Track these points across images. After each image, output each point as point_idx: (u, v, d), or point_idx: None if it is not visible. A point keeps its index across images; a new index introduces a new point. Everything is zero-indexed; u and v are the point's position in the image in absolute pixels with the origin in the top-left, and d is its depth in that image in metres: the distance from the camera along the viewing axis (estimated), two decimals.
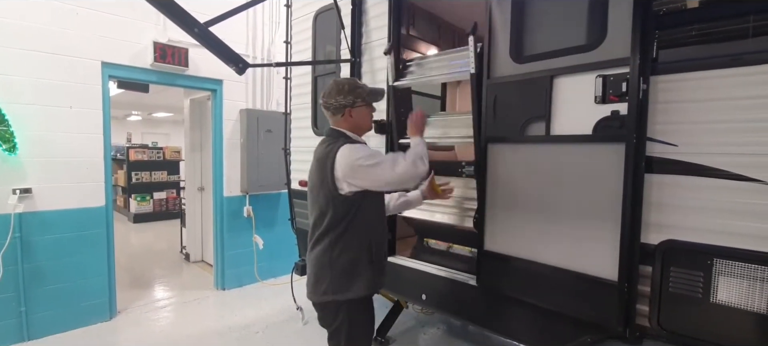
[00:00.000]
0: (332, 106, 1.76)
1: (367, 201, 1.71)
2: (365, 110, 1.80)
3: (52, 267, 3.40)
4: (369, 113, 1.83)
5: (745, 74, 1.42)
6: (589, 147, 1.69)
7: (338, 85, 1.78)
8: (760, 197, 1.38)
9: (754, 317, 1.40)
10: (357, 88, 1.77)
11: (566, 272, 1.76)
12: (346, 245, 1.68)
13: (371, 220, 1.75)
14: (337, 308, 1.71)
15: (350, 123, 1.77)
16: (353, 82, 1.81)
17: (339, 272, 1.68)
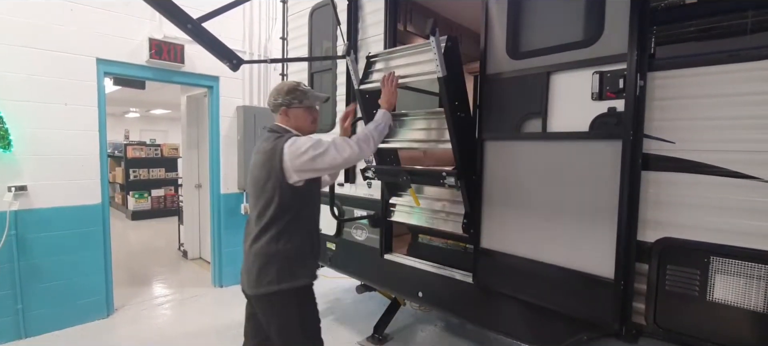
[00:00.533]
0: (272, 104, 1.86)
1: (311, 191, 1.80)
2: (302, 112, 1.85)
3: (49, 265, 3.39)
4: (308, 116, 1.87)
5: (743, 70, 1.40)
6: (586, 144, 1.68)
7: (279, 86, 1.89)
8: (757, 194, 1.37)
9: (751, 315, 1.39)
10: (295, 90, 1.84)
11: (563, 270, 1.75)
12: (291, 234, 1.73)
13: (313, 210, 1.85)
14: (287, 298, 1.72)
15: (289, 122, 1.85)
16: (294, 85, 1.87)
17: (286, 261, 1.71)
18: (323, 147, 1.71)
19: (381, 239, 2.70)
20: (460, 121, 2.01)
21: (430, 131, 2.26)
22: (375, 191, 2.73)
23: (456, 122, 1.98)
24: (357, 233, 2.90)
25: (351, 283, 4.64)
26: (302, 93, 1.85)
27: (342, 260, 3.05)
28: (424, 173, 2.34)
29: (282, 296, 1.71)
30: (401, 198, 2.54)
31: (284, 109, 1.83)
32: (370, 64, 2.41)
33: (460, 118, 2.01)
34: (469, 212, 2.10)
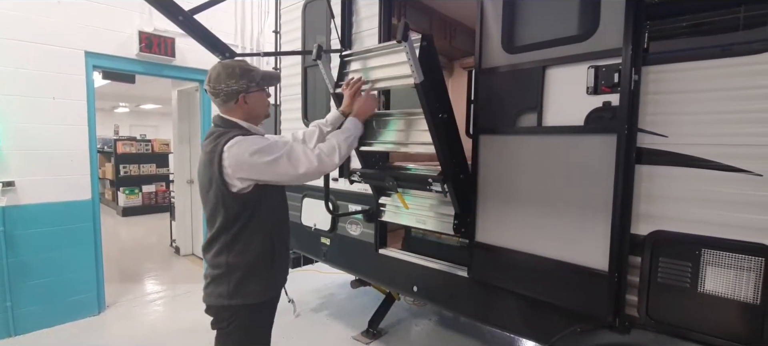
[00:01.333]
0: (223, 92, 1.53)
1: (266, 197, 1.56)
2: (261, 96, 1.63)
3: (39, 261, 3.33)
4: (265, 99, 1.66)
5: (733, 65, 1.42)
6: (581, 138, 1.69)
7: (227, 68, 1.55)
8: (747, 188, 1.39)
9: (741, 306, 1.42)
10: (250, 71, 1.57)
11: (557, 263, 1.76)
12: (242, 247, 1.53)
13: (271, 217, 1.60)
14: (232, 314, 1.56)
15: (245, 111, 1.58)
16: (244, 65, 1.59)
17: (234, 276, 1.53)
18: (275, 154, 1.48)
19: (375, 234, 2.70)
20: (443, 123, 1.91)
21: (414, 132, 2.12)
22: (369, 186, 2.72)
23: (438, 124, 1.87)
24: (351, 229, 2.90)
25: (345, 278, 4.64)
26: (257, 73, 1.60)
27: (337, 256, 3.05)
28: (410, 178, 2.24)
29: (231, 311, 1.55)
30: (391, 198, 2.50)
31: (243, 96, 1.55)
32: (345, 65, 2.20)
33: (443, 120, 1.91)
34: (458, 212, 2.08)
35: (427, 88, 1.80)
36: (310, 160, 1.54)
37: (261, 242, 1.57)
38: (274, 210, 1.62)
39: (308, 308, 3.92)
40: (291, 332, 3.43)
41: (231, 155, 1.45)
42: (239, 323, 1.57)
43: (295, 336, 3.37)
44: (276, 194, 1.64)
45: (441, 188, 1.96)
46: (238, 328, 1.57)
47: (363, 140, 2.30)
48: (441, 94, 1.92)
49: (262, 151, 1.46)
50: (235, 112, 1.58)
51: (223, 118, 1.59)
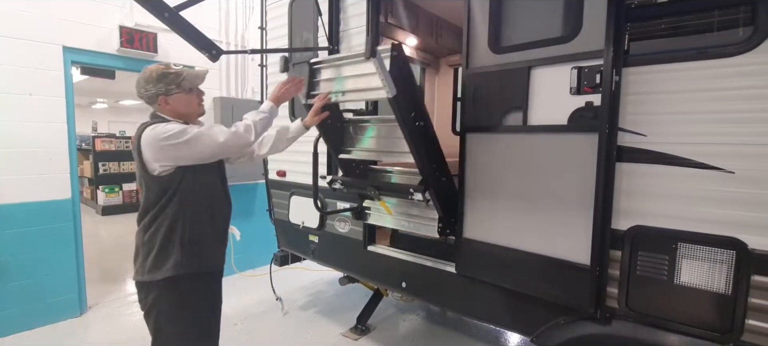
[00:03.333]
0: (145, 96, 1.68)
1: (188, 180, 1.64)
2: (184, 97, 1.70)
3: (17, 263, 3.24)
4: (191, 99, 1.73)
5: (709, 67, 1.48)
6: (565, 137, 1.74)
7: (146, 73, 1.67)
8: (720, 184, 1.46)
9: (714, 297, 1.49)
10: (168, 75, 1.66)
11: (541, 258, 1.82)
12: (158, 225, 1.63)
13: (192, 199, 1.67)
14: (147, 290, 1.67)
15: (170, 111, 1.69)
16: (162, 69, 1.67)
17: (151, 252, 1.63)
18: (188, 135, 1.57)
19: (364, 231, 2.72)
20: (420, 131, 1.92)
21: (393, 140, 2.12)
22: None
23: (415, 134, 1.88)
24: (340, 226, 2.91)
25: (333, 276, 4.66)
26: (176, 75, 1.67)
27: (325, 253, 3.06)
28: (392, 188, 2.25)
29: (144, 287, 1.67)
30: (374, 201, 2.50)
31: (162, 98, 1.67)
32: (315, 73, 2.13)
33: (420, 128, 1.92)
34: (442, 216, 2.10)
35: (401, 100, 1.78)
36: (227, 133, 1.67)
37: (172, 224, 1.64)
38: (195, 194, 1.67)
39: (296, 305, 3.92)
40: (279, 330, 3.43)
41: (146, 141, 1.58)
42: (153, 301, 1.67)
43: (283, 334, 3.37)
44: (200, 179, 1.68)
45: (422, 197, 1.98)
46: (152, 305, 1.68)
47: (342, 148, 2.32)
48: (416, 103, 1.92)
49: (175, 135, 1.57)
50: (162, 111, 1.71)
51: (155, 114, 1.72)
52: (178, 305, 1.68)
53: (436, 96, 5.14)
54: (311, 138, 2.95)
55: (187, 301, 1.70)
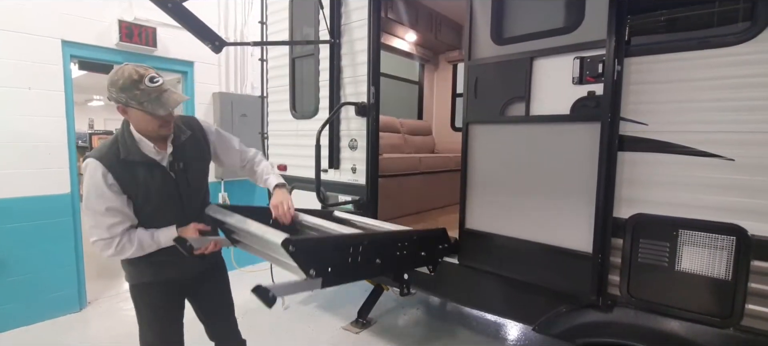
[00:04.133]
0: (109, 97, 1.48)
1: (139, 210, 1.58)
2: (142, 116, 1.45)
3: (16, 258, 3.22)
4: (148, 120, 1.47)
5: (710, 56, 1.50)
6: (567, 127, 1.76)
7: (115, 74, 1.44)
8: (720, 171, 1.49)
9: (715, 283, 1.52)
10: (135, 88, 1.40)
11: (543, 247, 1.84)
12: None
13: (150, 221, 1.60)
14: (131, 293, 1.76)
15: (132, 121, 1.50)
16: (133, 78, 1.41)
17: (126, 262, 1.68)
18: (84, 207, 1.51)
19: None
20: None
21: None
22: (360, 176, 2.75)
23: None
24: None
25: None
26: (144, 94, 1.41)
27: None
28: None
29: (130, 290, 1.76)
30: None
31: (121, 107, 1.46)
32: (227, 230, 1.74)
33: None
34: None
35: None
36: (95, 234, 1.51)
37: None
38: (146, 220, 1.60)
39: (296, 300, 3.93)
40: (281, 325, 3.43)
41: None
42: (134, 301, 1.76)
43: (285, 328, 3.38)
44: (147, 216, 1.60)
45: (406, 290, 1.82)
46: (134, 305, 1.76)
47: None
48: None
49: (84, 200, 1.51)
50: (125, 120, 1.53)
51: (125, 126, 1.54)
52: (144, 309, 1.75)
53: (434, 92, 5.17)
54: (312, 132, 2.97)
55: (152, 306, 1.75)
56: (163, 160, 1.58)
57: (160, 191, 1.58)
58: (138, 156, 1.52)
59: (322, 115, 2.96)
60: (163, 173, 1.59)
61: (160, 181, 1.57)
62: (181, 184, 1.63)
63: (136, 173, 1.52)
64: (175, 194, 1.62)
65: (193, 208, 1.69)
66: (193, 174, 1.69)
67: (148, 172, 1.55)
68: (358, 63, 2.72)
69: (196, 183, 1.71)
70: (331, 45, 2.82)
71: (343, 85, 2.83)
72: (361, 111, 2.66)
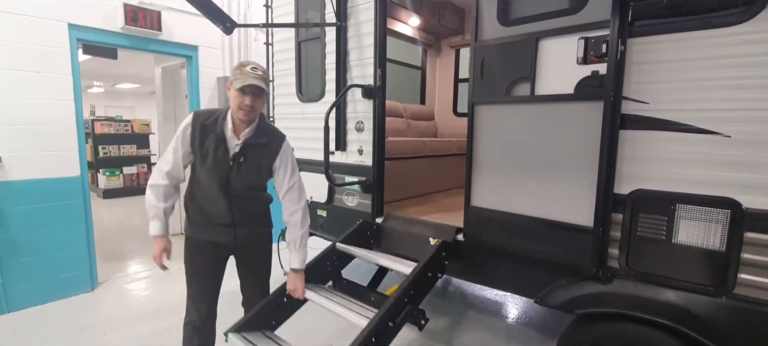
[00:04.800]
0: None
1: (194, 172, 1.92)
2: (233, 93, 1.77)
3: (29, 239, 3.30)
4: (237, 99, 1.76)
5: (710, 36, 1.55)
6: (570, 106, 1.81)
7: (240, 62, 1.90)
8: (717, 148, 1.55)
9: (710, 254, 1.59)
10: (238, 70, 1.77)
11: (547, 222, 1.91)
12: (185, 200, 1.96)
13: (191, 188, 1.93)
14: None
15: (229, 98, 1.83)
16: (240, 64, 1.79)
17: (185, 211, 1.96)
18: (166, 152, 1.88)
19: (372, 204, 2.80)
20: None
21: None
22: (366, 158, 2.81)
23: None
24: (348, 200, 2.99)
25: None
26: (238, 74, 1.75)
27: (333, 226, 3.13)
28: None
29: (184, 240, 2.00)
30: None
31: (228, 84, 1.81)
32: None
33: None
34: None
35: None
36: (154, 176, 1.90)
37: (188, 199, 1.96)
38: (196, 185, 1.92)
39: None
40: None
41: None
42: (184, 250, 1.99)
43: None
44: (198, 175, 1.91)
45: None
46: (184, 250, 2.00)
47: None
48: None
49: (166, 150, 1.88)
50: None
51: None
52: (188, 259, 1.99)
53: (437, 77, 5.19)
54: (319, 115, 3.01)
55: (192, 259, 1.98)
56: (232, 143, 1.85)
57: (216, 162, 1.83)
58: (217, 128, 1.82)
59: (328, 98, 3.00)
60: (225, 152, 1.84)
61: (220, 155, 1.83)
62: (233, 169, 1.86)
63: (206, 138, 1.83)
64: (224, 172, 1.85)
65: (235, 192, 1.89)
66: (246, 169, 1.88)
67: (216, 143, 1.82)
68: (365, 46, 2.76)
69: (244, 177, 1.89)
70: (337, 28, 2.85)
71: (350, 67, 2.87)
72: (368, 93, 2.71)
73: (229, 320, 2.13)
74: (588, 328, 1.94)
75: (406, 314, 2.10)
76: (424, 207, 3.22)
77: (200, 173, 1.88)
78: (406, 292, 2.06)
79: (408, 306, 2.10)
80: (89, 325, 3.11)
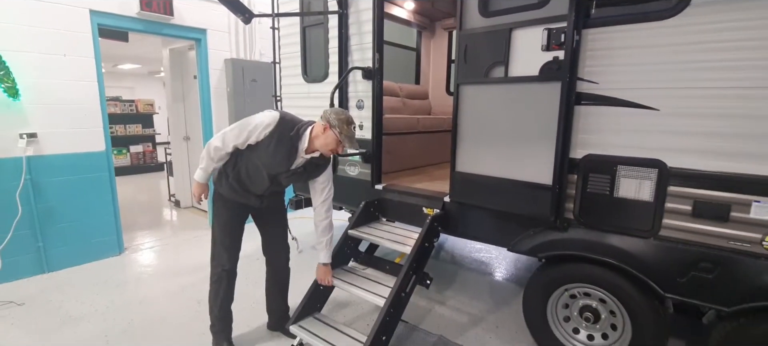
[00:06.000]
0: (323, 116, 2.17)
1: (241, 152, 2.21)
2: (334, 139, 2.13)
3: (63, 207, 3.68)
4: (333, 143, 2.15)
5: (647, 28, 1.91)
6: (536, 86, 2.18)
7: (343, 113, 2.17)
8: (648, 119, 1.93)
9: (642, 205, 2.00)
10: (345, 125, 2.13)
11: (516, 182, 2.30)
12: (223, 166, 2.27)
13: (236, 163, 2.24)
14: (213, 196, 2.37)
15: (317, 134, 2.16)
16: (347, 121, 2.15)
17: (219, 173, 2.29)
18: (238, 123, 2.15)
19: (372, 173, 3.19)
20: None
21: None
22: (366, 132, 3.18)
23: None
24: (350, 170, 3.37)
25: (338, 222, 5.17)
26: (347, 132, 2.14)
27: (337, 194, 3.51)
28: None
29: (214, 195, 2.36)
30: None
31: (327, 126, 2.13)
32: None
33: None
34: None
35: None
36: (207, 148, 2.19)
37: (225, 168, 2.28)
38: (248, 162, 2.22)
39: (308, 245, 4.45)
40: (296, 266, 3.91)
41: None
42: (215, 204, 2.36)
43: (300, 268, 3.85)
44: (246, 157, 2.21)
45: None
46: (214, 207, 2.37)
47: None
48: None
49: (245, 119, 2.16)
50: (314, 129, 2.19)
51: (309, 124, 2.23)
52: (223, 213, 2.35)
53: (431, 59, 5.51)
54: (323, 95, 3.37)
55: (225, 215, 2.35)
56: (297, 157, 2.20)
57: (278, 161, 2.17)
58: (295, 142, 2.15)
59: (331, 79, 3.35)
60: (290, 159, 2.18)
61: (283, 158, 2.16)
62: (288, 172, 2.23)
63: (281, 145, 2.13)
64: (280, 170, 2.21)
65: (276, 183, 2.30)
66: (297, 176, 2.29)
67: (288, 151, 2.15)
68: (364, 32, 3.09)
69: (293, 179, 2.31)
70: (339, 15, 3.17)
71: (351, 51, 3.21)
72: (368, 75, 3.06)
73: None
74: (550, 269, 2.37)
75: (413, 283, 2.53)
76: (418, 177, 3.61)
77: (256, 157, 2.17)
78: (410, 266, 2.46)
79: (414, 276, 2.53)
80: (123, 281, 3.53)
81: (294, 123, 2.18)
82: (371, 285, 2.63)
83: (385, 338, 2.31)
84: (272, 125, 2.11)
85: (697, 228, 1.89)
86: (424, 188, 3.07)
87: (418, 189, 3.06)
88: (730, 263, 1.83)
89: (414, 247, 2.55)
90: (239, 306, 2.67)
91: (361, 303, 3.19)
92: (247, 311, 2.98)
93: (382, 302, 2.35)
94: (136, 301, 3.18)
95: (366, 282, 2.68)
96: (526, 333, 2.61)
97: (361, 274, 2.82)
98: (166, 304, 3.14)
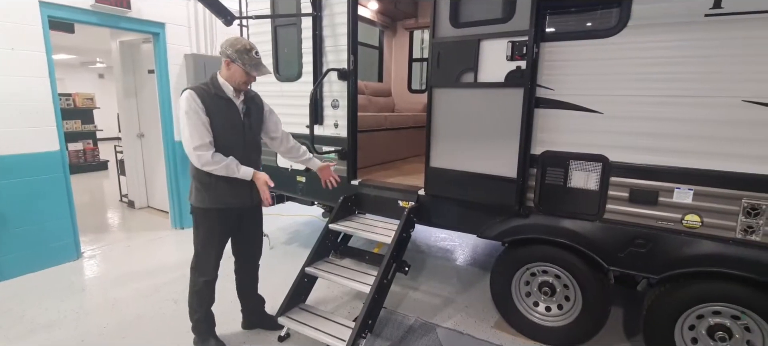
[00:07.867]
0: (221, 53, 2.15)
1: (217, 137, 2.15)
2: (241, 72, 2.12)
3: (14, 211, 3.45)
4: (243, 75, 2.14)
5: (592, 44, 2.26)
6: (502, 91, 2.47)
7: (237, 40, 2.13)
8: (594, 121, 2.29)
9: (589, 193, 2.37)
10: (246, 55, 2.09)
11: (484, 176, 2.60)
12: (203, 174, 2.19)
13: (216, 139, 2.15)
14: (194, 214, 2.32)
15: (226, 73, 2.16)
16: (245, 48, 2.10)
17: (194, 186, 2.25)
18: (188, 121, 2.03)
19: (348, 169, 3.35)
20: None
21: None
22: (342, 130, 3.33)
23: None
24: None
25: (308, 219, 5.27)
26: (251, 59, 2.10)
27: (312, 190, 3.64)
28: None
29: (193, 210, 2.30)
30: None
31: (226, 62, 2.12)
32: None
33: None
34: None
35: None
36: (188, 139, 2.07)
37: (196, 172, 2.23)
38: (217, 138, 2.16)
39: (280, 241, 4.51)
40: (267, 262, 4.00)
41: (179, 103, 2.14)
42: (195, 219, 2.32)
43: (270, 265, 3.94)
44: (217, 141, 2.15)
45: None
46: (194, 222, 2.33)
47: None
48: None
49: (185, 113, 2.04)
50: (221, 70, 2.19)
51: (213, 73, 2.21)
52: (203, 230, 2.33)
53: (393, 57, 5.73)
54: (296, 94, 3.46)
55: (211, 229, 2.32)
56: (237, 102, 2.22)
57: (231, 121, 2.21)
58: (222, 93, 2.17)
59: (306, 78, 3.45)
60: (235, 110, 2.22)
61: (233, 113, 2.21)
62: (245, 122, 2.28)
63: (218, 103, 2.14)
64: (239, 126, 2.24)
65: (249, 142, 2.32)
66: (253, 120, 2.34)
67: (226, 105, 2.18)
68: (339, 33, 3.22)
69: (255, 127, 2.36)
70: (313, 18, 3.27)
71: (325, 52, 3.33)
72: (343, 76, 3.21)
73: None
74: (513, 251, 2.70)
75: (394, 270, 2.75)
76: (389, 172, 3.82)
77: (219, 132, 2.14)
78: (391, 255, 2.67)
79: (394, 264, 2.74)
80: (87, 286, 3.40)
81: (204, 84, 2.17)
82: (355, 274, 2.82)
83: (371, 321, 2.51)
84: (192, 95, 2.07)
85: (633, 211, 2.29)
86: (398, 183, 3.29)
87: (394, 183, 3.27)
88: (658, 239, 2.25)
89: (393, 237, 2.76)
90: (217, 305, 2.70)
91: (340, 295, 3.36)
92: (225, 308, 3.03)
93: (368, 289, 2.54)
94: (107, 304, 3.10)
95: (349, 272, 2.86)
96: (492, 310, 2.94)
97: (341, 264, 2.99)
98: (141, 304, 3.10)
